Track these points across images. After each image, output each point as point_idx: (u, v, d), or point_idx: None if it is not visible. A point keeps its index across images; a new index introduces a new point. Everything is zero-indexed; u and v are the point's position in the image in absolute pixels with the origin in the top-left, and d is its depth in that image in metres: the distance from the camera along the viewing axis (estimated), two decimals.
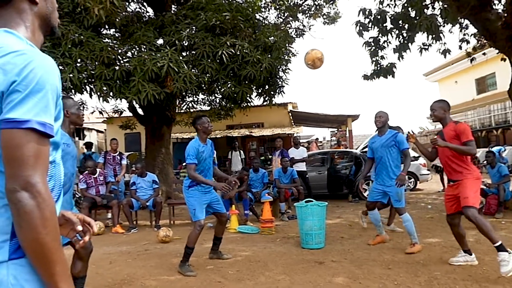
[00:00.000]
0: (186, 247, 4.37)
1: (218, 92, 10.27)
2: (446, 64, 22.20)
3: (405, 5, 9.15)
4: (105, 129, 20.41)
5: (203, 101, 12.10)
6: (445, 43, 9.79)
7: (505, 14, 7.19)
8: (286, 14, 13.42)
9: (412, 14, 9.15)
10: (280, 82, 9.88)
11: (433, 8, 9.12)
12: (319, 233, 5.17)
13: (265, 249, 5.23)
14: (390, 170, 4.93)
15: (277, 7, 13.35)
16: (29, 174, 0.94)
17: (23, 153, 0.94)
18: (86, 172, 7.38)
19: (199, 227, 4.36)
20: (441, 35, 9.04)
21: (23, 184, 0.93)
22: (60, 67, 7.56)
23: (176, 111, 11.79)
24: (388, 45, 10.16)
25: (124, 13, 8.38)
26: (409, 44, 9.71)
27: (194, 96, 11.25)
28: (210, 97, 11.62)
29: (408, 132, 4.51)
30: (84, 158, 8.38)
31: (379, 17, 9.50)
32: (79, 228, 1.23)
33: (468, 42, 10.30)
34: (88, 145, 11.26)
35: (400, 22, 9.48)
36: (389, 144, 4.95)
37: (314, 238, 5.14)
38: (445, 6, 7.70)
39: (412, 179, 12.03)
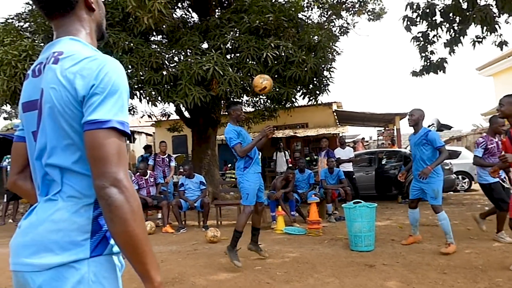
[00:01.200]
0: (235, 231, 4.50)
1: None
2: (502, 57, 20.82)
3: None
4: (153, 132, 21.11)
5: (248, 102, 12.19)
6: (501, 34, 9.21)
7: None
8: (329, 13, 13.23)
9: (464, 5, 8.70)
10: (325, 81, 9.75)
11: None
12: (368, 235, 5.05)
13: (312, 251, 5.18)
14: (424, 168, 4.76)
15: (320, 5, 13.20)
16: (114, 170, 0.99)
17: (107, 151, 0.99)
18: (138, 173, 7.68)
19: (249, 211, 4.50)
20: (496, 26, 8.52)
21: (112, 180, 0.98)
22: None
23: (221, 113, 11.98)
24: (438, 40, 9.74)
25: (170, 20, 8.63)
26: (461, 37, 9.25)
27: (239, 98, 11.35)
28: (255, 99, 11.69)
29: (493, 171, 4.21)
30: (142, 160, 8.77)
31: (427, 10, 9.13)
32: None
33: None
34: (147, 147, 11.58)
35: (451, 14, 9.04)
36: (420, 142, 4.85)
37: (364, 240, 5.02)
38: None
39: (467, 179, 11.43)
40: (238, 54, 8.73)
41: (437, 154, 4.79)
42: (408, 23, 9.47)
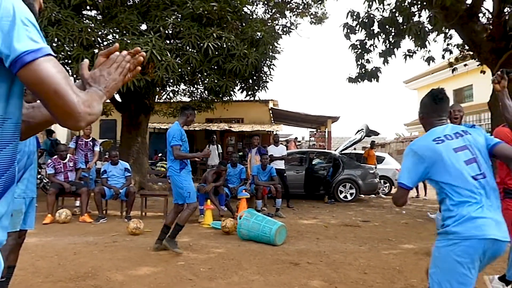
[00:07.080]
0: (176, 224, 4.63)
1: (200, 83, 10.04)
2: (427, 73, 22.57)
3: (393, 10, 9.15)
4: None
5: (184, 91, 11.83)
6: (429, 50, 9.87)
7: (491, 27, 7.28)
8: (273, 10, 13.25)
9: (400, 19, 9.16)
10: (264, 78, 9.74)
11: (420, 15, 9.16)
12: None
13: (239, 247, 5.09)
14: None
15: (265, 2, 13.17)
16: (75, 100, 0.92)
17: (58, 81, 0.89)
18: (55, 157, 7.04)
19: (194, 207, 4.73)
20: (427, 42, 9.10)
21: (83, 115, 0.94)
22: None
23: (155, 100, 11.47)
24: (374, 49, 10.16)
25: None
26: (395, 49, 9.74)
27: (175, 86, 10.96)
28: (192, 88, 11.37)
29: None
30: (52, 143, 8.00)
31: (366, 20, 9.48)
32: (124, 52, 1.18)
33: (451, 52, 10.42)
34: (49, 132, 10.52)
35: (387, 26, 9.48)
36: None
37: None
38: (434, 13, 7.71)
39: (388, 184, 12.14)
40: (178, 40, 8.38)
41: None
42: (348, 30, 9.75)
